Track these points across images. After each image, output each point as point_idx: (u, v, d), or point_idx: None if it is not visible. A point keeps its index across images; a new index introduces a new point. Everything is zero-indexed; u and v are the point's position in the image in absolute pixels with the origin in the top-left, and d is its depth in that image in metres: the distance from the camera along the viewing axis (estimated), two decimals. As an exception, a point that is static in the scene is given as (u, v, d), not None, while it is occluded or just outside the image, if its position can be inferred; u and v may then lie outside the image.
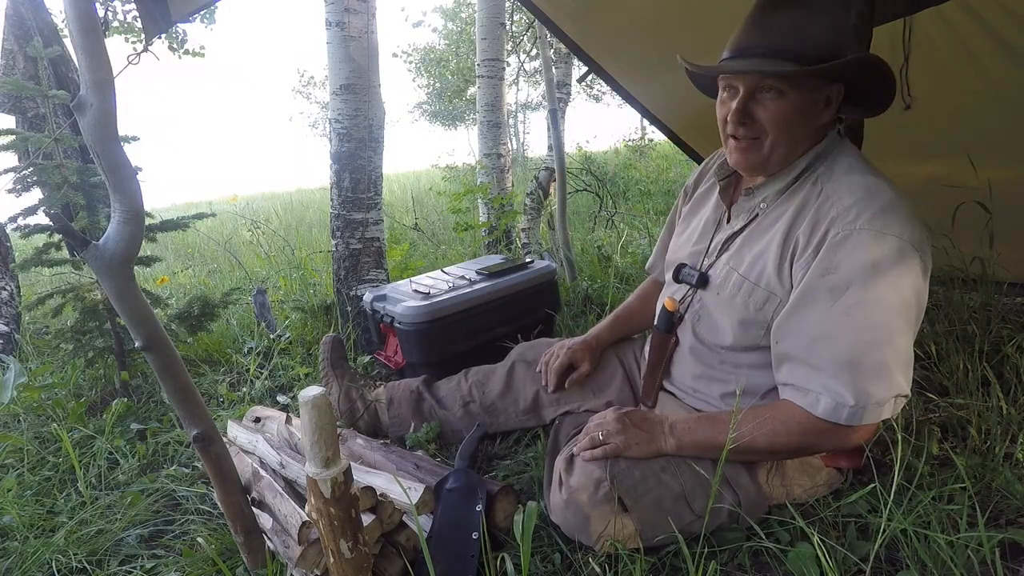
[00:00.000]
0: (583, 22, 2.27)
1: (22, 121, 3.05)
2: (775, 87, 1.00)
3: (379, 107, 2.35)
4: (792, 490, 1.14)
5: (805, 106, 1.02)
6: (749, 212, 1.15)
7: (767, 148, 1.05)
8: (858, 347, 0.94)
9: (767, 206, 1.12)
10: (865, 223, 0.96)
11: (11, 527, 1.36)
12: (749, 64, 1.01)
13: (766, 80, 1.00)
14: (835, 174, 1.04)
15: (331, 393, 1.61)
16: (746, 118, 1.04)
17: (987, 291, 1.71)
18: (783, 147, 1.05)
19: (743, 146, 1.06)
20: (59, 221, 0.91)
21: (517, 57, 8.04)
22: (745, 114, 1.03)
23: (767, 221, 1.11)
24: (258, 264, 4.09)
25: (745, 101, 1.03)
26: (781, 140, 1.04)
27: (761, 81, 1.01)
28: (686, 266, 1.25)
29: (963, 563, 0.93)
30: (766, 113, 1.02)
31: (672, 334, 1.25)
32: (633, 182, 6.04)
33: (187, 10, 1.82)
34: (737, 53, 1.04)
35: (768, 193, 1.12)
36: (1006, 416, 1.26)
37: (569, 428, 1.34)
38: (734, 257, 1.14)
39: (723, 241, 1.18)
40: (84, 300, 2.03)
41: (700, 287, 1.19)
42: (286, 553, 1.07)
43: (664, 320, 1.26)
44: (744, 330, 1.10)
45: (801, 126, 1.04)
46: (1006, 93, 1.66)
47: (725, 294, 1.13)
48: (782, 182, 1.10)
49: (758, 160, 1.07)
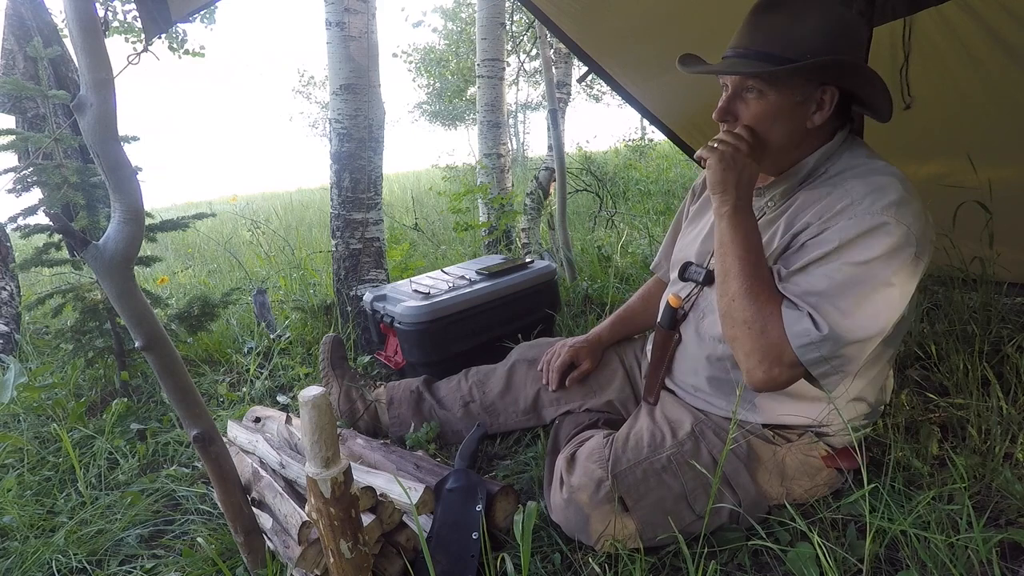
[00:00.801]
0: (583, 22, 2.27)
1: (22, 121, 3.06)
2: (756, 87, 1.03)
3: (379, 107, 2.35)
4: (792, 490, 1.14)
5: (786, 107, 1.03)
6: (757, 211, 1.14)
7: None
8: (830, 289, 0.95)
9: (774, 204, 1.13)
10: (879, 210, 0.96)
11: (11, 527, 1.36)
12: (729, 64, 1.05)
13: (748, 80, 1.03)
14: (847, 172, 1.05)
15: (331, 393, 1.61)
16: (728, 115, 1.07)
17: (987, 291, 1.71)
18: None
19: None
20: (59, 221, 0.91)
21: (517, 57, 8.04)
22: (727, 112, 1.07)
23: (771, 218, 1.11)
24: (258, 264, 4.09)
25: (730, 99, 1.07)
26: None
27: (745, 81, 1.04)
28: (692, 264, 1.25)
29: (963, 563, 0.93)
30: (746, 111, 1.05)
31: (675, 331, 1.25)
32: (633, 182, 6.04)
33: (187, 10, 1.82)
34: (732, 53, 1.06)
35: (776, 192, 1.13)
36: (1006, 416, 1.26)
37: (569, 428, 1.34)
38: None
39: None
40: (84, 300, 2.03)
41: (707, 284, 1.20)
42: (286, 553, 1.07)
43: (668, 317, 1.26)
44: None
45: (784, 126, 1.05)
46: (1006, 93, 1.66)
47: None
48: (790, 181, 1.11)
49: None
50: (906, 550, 0.99)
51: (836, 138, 1.09)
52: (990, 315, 1.68)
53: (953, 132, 1.81)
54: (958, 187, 1.61)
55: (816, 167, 1.08)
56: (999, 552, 0.96)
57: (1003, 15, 1.50)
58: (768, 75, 1.01)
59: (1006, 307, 1.80)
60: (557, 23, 2.33)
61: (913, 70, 1.70)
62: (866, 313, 0.95)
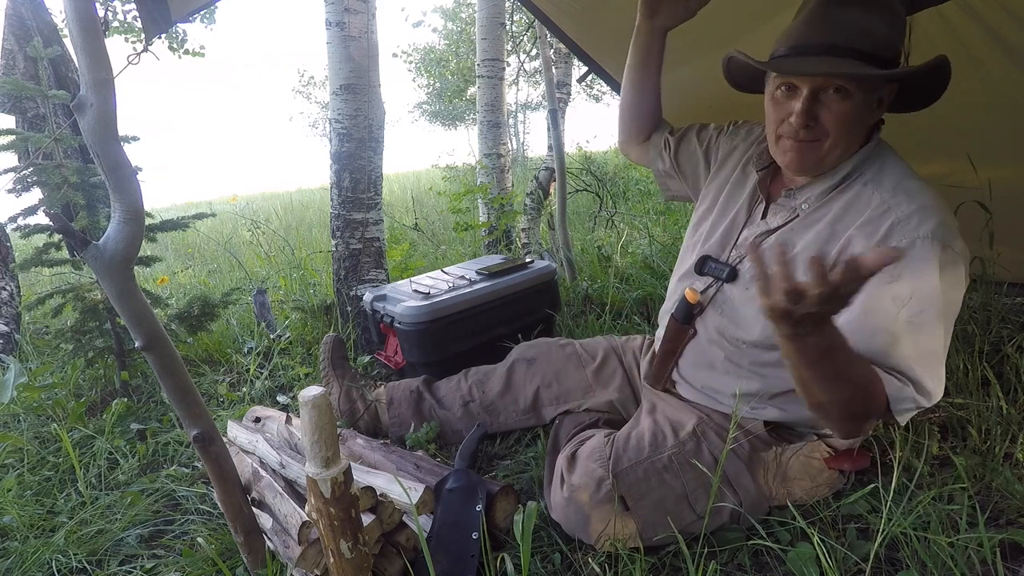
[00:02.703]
0: (583, 22, 2.27)
1: (22, 121, 3.05)
2: (842, 87, 0.96)
3: (379, 107, 2.35)
4: (793, 491, 1.14)
5: (864, 107, 0.99)
6: (790, 211, 1.11)
7: (826, 149, 1.01)
8: (919, 353, 0.93)
9: (809, 207, 1.08)
10: (928, 232, 0.93)
11: (11, 527, 1.36)
12: (820, 64, 0.97)
13: (833, 80, 0.96)
14: (885, 179, 1.02)
15: (331, 393, 1.61)
16: (811, 120, 0.99)
17: (987, 291, 1.71)
18: (841, 148, 1.02)
19: (802, 146, 1.02)
20: (59, 221, 0.91)
21: (517, 57, 8.03)
22: (811, 116, 0.99)
23: (808, 221, 1.07)
24: (258, 264, 4.09)
25: (810, 101, 0.98)
26: (840, 141, 1.01)
27: (827, 81, 0.97)
28: (711, 258, 1.21)
29: (963, 563, 0.93)
30: (830, 115, 0.98)
31: (690, 325, 1.23)
32: (633, 182, 6.03)
33: (187, 10, 1.82)
34: (798, 50, 0.99)
35: (812, 194, 1.08)
36: (1006, 416, 1.26)
37: (569, 427, 1.34)
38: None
39: (754, 237, 1.14)
40: (84, 300, 2.03)
41: (728, 281, 1.16)
42: (286, 553, 1.07)
43: (683, 310, 1.22)
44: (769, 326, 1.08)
45: (859, 127, 1.02)
46: (1006, 93, 1.66)
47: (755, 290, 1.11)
48: (827, 183, 1.06)
49: (815, 161, 1.03)
50: (906, 550, 0.99)
51: (873, 139, 1.06)
52: (990, 315, 1.68)
53: (953, 132, 1.81)
54: (958, 187, 1.60)
55: (854, 170, 1.05)
56: (1000, 552, 0.96)
57: (1003, 15, 1.49)
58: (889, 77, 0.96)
59: (1006, 307, 1.79)
60: (557, 23, 2.33)
61: (913, 70, 1.70)
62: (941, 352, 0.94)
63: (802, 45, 0.99)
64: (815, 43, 0.98)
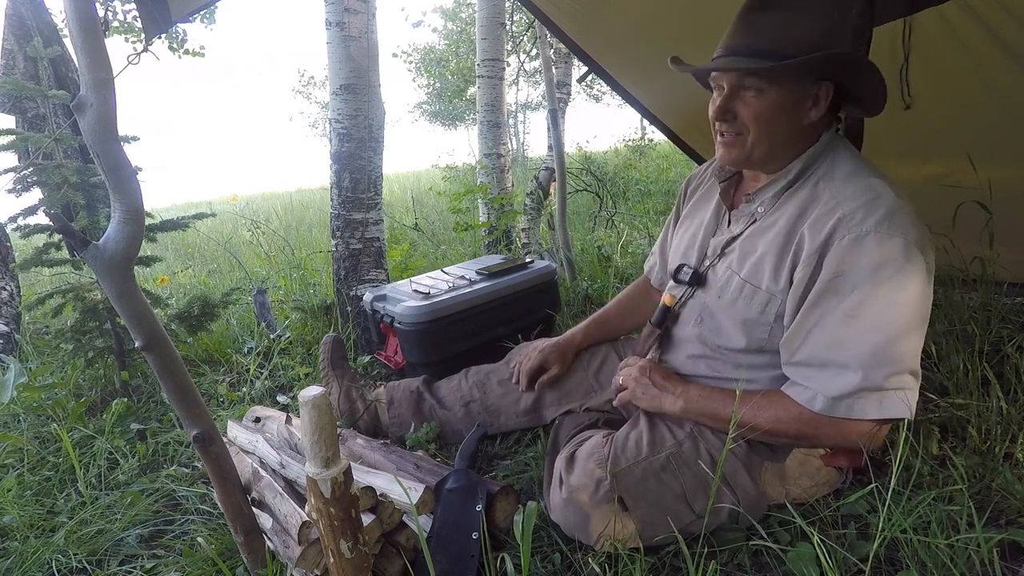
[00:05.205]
0: (583, 22, 2.27)
1: (22, 121, 3.05)
2: (754, 85, 1.02)
3: (379, 107, 2.35)
4: (792, 490, 1.14)
5: (787, 103, 1.03)
6: (748, 217, 1.16)
7: (749, 144, 1.07)
8: (864, 349, 0.95)
9: (764, 210, 1.13)
10: (872, 225, 0.96)
11: (11, 527, 1.36)
12: (728, 62, 1.04)
13: (747, 78, 1.02)
14: (836, 176, 1.05)
15: (331, 393, 1.61)
16: (727, 115, 1.06)
17: (987, 291, 1.71)
18: (765, 143, 1.06)
19: (727, 141, 1.09)
20: (59, 221, 0.91)
21: (517, 57, 8.04)
22: (727, 111, 1.06)
23: (765, 224, 1.11)
24: (258, 264, 4.09)
25: (728, 98, 1.06)
26: (762, 136, 1.06)
27: (742, 79, 1.03)
28: (684, 266, 1.27)
29: (963, 563, 0.93)
30: (747, 110, 1.04)
31: (660, 327, 1.28)
32: (633, 182, 6.03)
33: (187, 10, 1.83)
34: (725, 52, 1.06)
35: (766, 196, 1.13)
36: (1006, 416, 1.26)
37: (569, 428, 1.34)
38: (735, 261, 1.14)
39: (722, 244, 1.19)
40: (84, 300, 2.03)
41: (696, 285, 1.22)
42: (286, 553, 1.07)
43: (659, 314, 1.28)
44: (749, 332, 1.11)
45: (783, 123, 1.05)
46: (1006, 93, 1.66)
47: (727, 297, 1.13)
48: (779, 184, 1.11)
49: (741, 155, 1.09)
50: (906, 550, 0.99)
51: (822, 139, 1.09)
52: (990, 315, 1.68)
53: (953, 132, 1.81)
54: (958, 187, 1.60)
55: (804, 169, 1.08)
56: (999, 552, 0.96)
57: (1003, 15, 1.50)
58: (769, 70, 1.00)
59: (1006, 307, 1.79)
60: (557, 23, 2.34)
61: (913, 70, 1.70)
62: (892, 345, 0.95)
63: (725, 48, 1.06)
64: (731, 45, 1.05)
